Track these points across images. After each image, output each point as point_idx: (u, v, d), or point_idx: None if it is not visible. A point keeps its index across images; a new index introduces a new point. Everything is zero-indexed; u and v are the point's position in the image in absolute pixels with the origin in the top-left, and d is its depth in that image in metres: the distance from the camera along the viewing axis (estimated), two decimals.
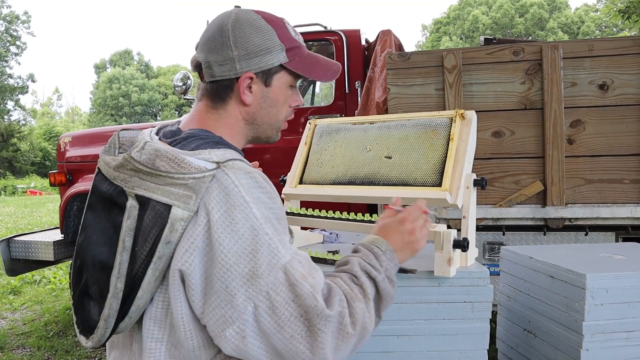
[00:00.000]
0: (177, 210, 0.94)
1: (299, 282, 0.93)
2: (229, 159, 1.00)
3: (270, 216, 0.97)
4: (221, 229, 0.92)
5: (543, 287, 1.59)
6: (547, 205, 2.86)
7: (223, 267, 0.92)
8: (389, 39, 3.62)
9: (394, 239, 1.15)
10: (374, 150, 1.59)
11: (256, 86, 1.12)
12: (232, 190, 0.95)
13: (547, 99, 2.85)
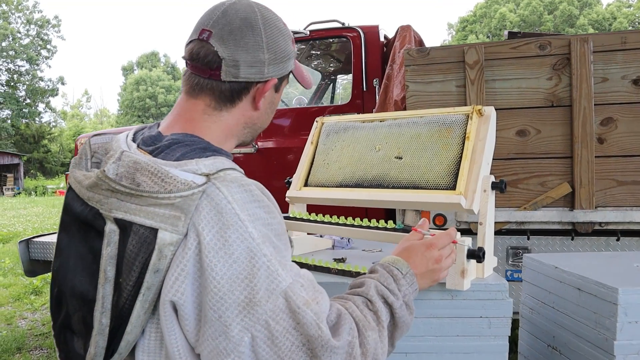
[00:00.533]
0: (165, 234, 0.83)
1: (301, 309, 0.83)
2: (219, 170, 0.88)
3: (268, 234, 0.86)
4: (213, 252, 0.82)
5: (570, 301, 1.45)
6: (576, 208, 2.70)
7: (216, 294, 0.81)
8: (408, 35, 3.49)
9: (417, 263, 1.07)
10: (383, 150, 1.47)
11: (269, 92, 1.06)
12: (224, 207, 0.84)
13: (576, 96, 2.68)
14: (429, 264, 1.09)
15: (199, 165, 0.88)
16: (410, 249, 1.11)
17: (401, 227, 1.29)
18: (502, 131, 2.80)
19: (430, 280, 1.10)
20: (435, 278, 1.11)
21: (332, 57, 4.61)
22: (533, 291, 1.66)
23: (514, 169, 2.80)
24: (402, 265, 1.05)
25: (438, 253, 1.10)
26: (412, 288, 1.04)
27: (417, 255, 1.09)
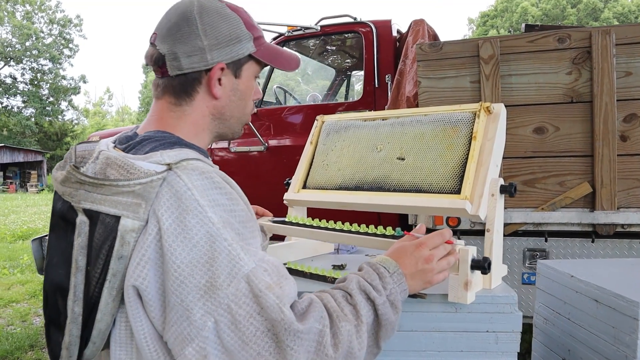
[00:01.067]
0: (127, 221, 0.86)
1: (263, 293, 0.83)
2: (182, 159, 0.90)
3: (230, 220, 0.88)
4: (173, 237, 0.84)
5: (586, 313, 1.35)
6: (596, 209, 2.57)
7: (177, 279, 0.83)
8: (421, 29, 3.38)
9: (406, 263, 1.02)
10: (385, 150, 1.38)
11: (226, 78, 1.05)
12: (184, 193, 0.86)
13: (597, 91, 2.55)
14: (419, 263, 1.03)
15: (163, 157, 0.91)
16: (400, 249, 1.06)
17: (401, 234, 1.20)
18: (519, 128, 2.68)
19: (422, 281, 1.04)
20: (427, 279, 1.04)
21: (345, 53, 4.51)
22: (547, 300, 1.56)
23: (531, 168, 2.68)
24: (389, 264, 1.01)
25: (428, 252, 1.04)
26: (400, 288, 0.99)
27: (406, 255, 1.04)
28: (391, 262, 1.02)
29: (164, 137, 1.00)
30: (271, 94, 4.30)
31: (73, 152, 1.06)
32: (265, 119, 3.79)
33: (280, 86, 4.54)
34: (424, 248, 1.04)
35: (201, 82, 1.03)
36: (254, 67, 1.08)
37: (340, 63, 4.77)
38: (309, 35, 3.82)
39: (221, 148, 3.86)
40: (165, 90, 1.05)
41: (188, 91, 1.04)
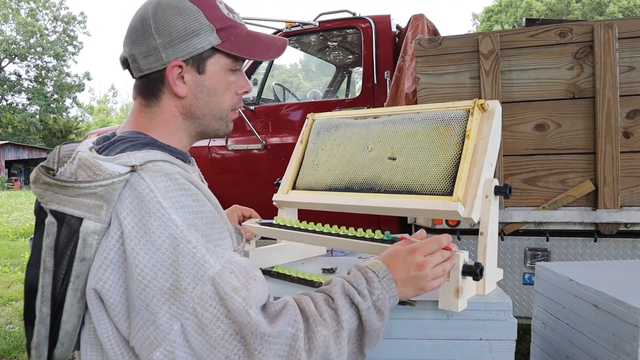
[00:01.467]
0: (89, 223, 0.85)
1: (228, 295, 0.81)
2: (148, 161, 0.88)
3: (195, 221, 0.86)
4: (135, 240, 0.82)
5: (586, 318, 1.29)
6: (599, 207, 2.51)
7: (141, 283, 0.81)
8: (421, 24, 3.32)
9: (397, 268, 0.98)
10: (376, 149, 1.33)
11: (188, 75, 1.00)
12: (146, 195, 0.84)
13: (599, 86, 2.49)
14: (411, 269, 0.98)
15: (130, 158, 0.89)
16: (393, 253, 1.01)
17: (390, 238, 1.15)
18: (520, 125, 2.63)
19: (414, 288, 0.98)
20: (420, 286, 0.99)
21: (344, 49, 4.45)
22: (546, 304, 1.51)
23: (532, 165, 2.62)
24: (379, 268, 0.97)
25: (422, 259, 0.99)
26: (389, 294, 0.95)
27: (399, 260, 0.99)
28: (381, 267, 0.97)
29: (137, 138, 0.98)
30: (270, 91, 4.25)
31: (57, 152, 1.04)
32: (264, 117, 3.74)
33: (279, 83, 4.49)
34: (417, 254, 0.99)
35: (164, 82, 1.00)
36: (222, 60, 1.02)
37: (339, 59, 4.71)
38: (308, 31, 3.76)
39: (220, 146, 3.81)
40: (136, 91, 1.04)
41: (154, 92, 1.01)
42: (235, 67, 1.05)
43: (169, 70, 0.97)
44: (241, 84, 1.08)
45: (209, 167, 3.84)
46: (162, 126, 1.02)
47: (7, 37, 40.83)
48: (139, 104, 1.03)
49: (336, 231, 1.24)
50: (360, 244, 1.18)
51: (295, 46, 4.20)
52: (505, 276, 2.71)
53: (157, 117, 1.02)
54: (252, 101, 3.80)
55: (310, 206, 1.40)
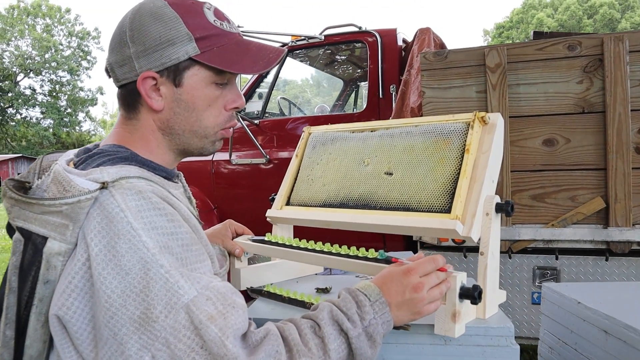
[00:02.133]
0: (53, 243, 0.80)
1: (203, 325, 0.74)
2: (121, 177, 0.82)
3: (170, 243, 0.79)
4: (103, 264, 0.76)
5: (595, 344, 1.22)
6: (610, 225, 2.42)
7: (109, 310, 0.75)
8: (427, 38, 3.28)
9: (391, 291, 0.91)
10: (372, 164, 1.28)
11: (165, 87, 0.92)
12: (116, 215, 0.78)
13: (610, 101, 2.41)
14: (406, 292, 0.91)
15: (102, 174, 0.83)
16: (387, 275, 0.95)
17: (384, 257, 1.09)
18: (528, 140, 2.56)
19: (410, 312, 0.92)
20: (416, 310, 0.92)
21: (350, 63, 4.42)
22: (553, 328, 1.43)
23: (540, 181, 2.55)
24: (372, 291, 0.90)
25: (418, 280, 0.92)
26: (382, 319, 0.88)
27: (393, 282, 0.92)
28: (374, 289, 0.91)
29: (116, 152, 0.92)
30: (275, 105, 4.22)
31: (39, 162, 0.99)
32: (268, 131, 3.70)
33: (285, 97, 4.46)
34: (413, 274, 0.92)
35: (140, 93, 0.93)
36: (203, 72, 0.93)
37: (347, 73, 4.68)
38: (313, 45, 3.74)
39: (224, 160, 3.78)
40: (118, 102, 0.99)
41: (131, 104, 0.96)
42: (222, 80, 0.96)
43: (140, 81, 0.91)
44: (231, 98, 0.99)
45: (213, 181, 3.80)
46: (141, 140, 0.96)
47: (23, 52, 41.52)
48: (121, 116, 0.99)
49: (329, 249, 1.18)
50: (354, 263, 1.12)
51: (303, 60, 4.18)
52: (513, 295, 2.63)
53: (136, 131, 0.96)
54: (256, 115, 3.77)
55: (303, 222, 1.34)
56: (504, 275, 2.64)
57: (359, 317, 0.86)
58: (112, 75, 0.95)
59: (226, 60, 0.93)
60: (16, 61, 40.59)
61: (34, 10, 42.41)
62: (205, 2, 0.97)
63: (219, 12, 0.97)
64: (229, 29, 0.97)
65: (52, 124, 42.21)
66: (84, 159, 0.91)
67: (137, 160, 0.93)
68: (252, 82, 3.83)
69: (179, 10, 0.91)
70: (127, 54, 0.91)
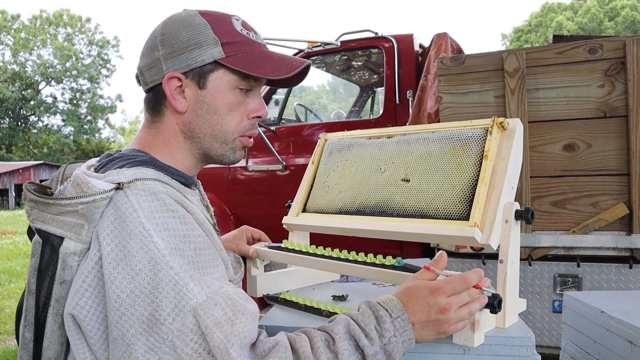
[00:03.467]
0: (69, 243, 0.81)
1: (209, 330, 0.73)
2: (136, 179, 0.82)
3: (181, 246, 0.79)
4: (114, 263, 0.76)
5: (619, 355, 1.18)
6: (634, 232, 2.37)
7: (118, 310, 0.75)
8: (444, 43, 3.25)
9: (416, 309, 0.86)
10: (389, 170, 1.26)
11: (189, 89, 0.94)
12: (129, 215, 0.79)
13: (633, 105, 2.37)
14: (432, 312, 0.86)
15: (119, 175, 0.84)
16: (412, 290, 0.89)
17: (401, 265, 1.07)
18: (548, 145, 2.52)
19: (435, 332, 0.88)
20: (442, 330, 0.88)
21: (367, 69, 4.41)
22: (575, 337, 1.40)
23: (561, 187, 2.51)
24: (394, 307, 0.86)
25: (445, 301, 0.86)
26: (403, 337, 0.84)
27: (418, 300, 0.87)
28: (396, 305, 0.86)
29: (136, 156, 0.94)
30: (292, 111, 4.22)
31: (62, 170, 1.01)
32: (284, 137, 3.70)
33: (301, 104, 4.47)
34: (441, 294, 0.87)
35: (166, 95, 0.95)
36: (227, 76, 0.95)
37: (363, 79, 4.67)
38: (330, 51, 3.74)
39: (241, 167, 3.79)
40: (144, 106, 1.01)
41: (157, 107, 0.98)
42: (247, 86, 0.98)
43: (166, 81, 0.93)
44: (254, 107, 1.00)
45: (230, 188, 3.82)
46: (163, 144, 0.98)
47: (45, 61, 42.34)
48: (146, 119, 1.01)
49: (345, 256, 1.17)
50: (371, 270, 1.11)
51: (319, 67, 4.19)
52: (533, 303, 2.58)
53: (159, 134, 0.98)
54: (272, 122, 3.78)
55: (320, 230, 1.33)
56: (524, 283, 2.59)
57: (377, 334, 0.83)
58: (142, 79, 0.98)
59: (250, 64, 0.94)
60: (38, 70, 41.41)
61: (55, 20, 43.28)
62: (235, 14, 1.00)
63: (246, 24, 1.00)
64: (255, 39, 0.99)
65: (72, 132, 42.96)
66: (104, 162, 0.93)
67: (155, 164, 0.93)
68: (269, 88, 3.84)
69: (208, 18, 0.95)
70: (156, 57, 0.94)
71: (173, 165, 0.98)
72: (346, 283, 1.55)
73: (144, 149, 0.97)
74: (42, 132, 41.85)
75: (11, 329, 4.91)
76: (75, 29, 44.34)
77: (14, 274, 7.26)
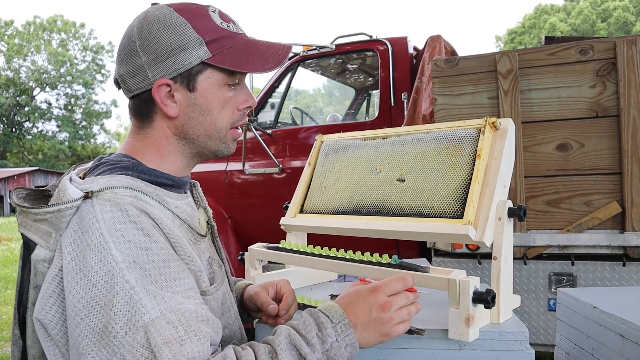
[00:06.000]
0: (40, 250, 0.84)
1: (158, 348, 0.74)
2: (107, 187, 0.83)
3: (141, 259, 0.79)
4: (72, 273, 0.78)
5: (611, 349, 1.21)
6: (627, 230, 2.40)
7: (74, 319, 0.77)
8: (438, 45, 3.29)
9: (356, 311, 0.87)
10: (384, 171, 1.29)
11: (179, 93, 0.93)
12: (91, 226, 0.80)
13: (624, 104, 2.40)
14: (373, 311, 0.87)
15: (92, 183, 0.85)
16: (352, 294, 0.91)
17: (397, 262, 1.10)
18: (541, 146, 2.55)
19: (377, 333, 0.88)
20: (384, 331, 0.88)
21: (362, 71, 4.44)
22: (569, 333, 1.42)
23: (554, 187, 2.54)
24: (334, 312, 0.87)
25: (385, 299, 0.88)
26: (345, 342, 0.84)
27: (358, 301, 0.89)
28: (337, 310, 0.87)
29: (119, 162, 0.93)
30: (288, 114, 4.25)
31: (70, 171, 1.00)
32: (281, 140, 3.73)
33: (297, 107, 4.49)
34: (380, 293, 0.89)
35: (154, 102, 0.93)
36: (215, 74, 0.94)
37: (358, 82, 4.70)
38: (324, 55, 3.76)
39: (237, 170, 3.81)
40: (130, 112, 0.99)
41: (145, 113, 0.96)
42: (233, 81, 0.97)
43: (155, 90, 0.92)
44: (243, 99, 1.00)
45: (227, 191, 3.83)
46: (153, 148, 0.97)
47: (39, 67, 42.27)
48: (133, 125, 0.99)
49: (342, 255, 1.19)
50: (367, 268, 1.13)
51: (314, 70, 4.21)
52: (529, 302, 2.61)
53: (149, 139, 0.97)
54: (269, 125, 3.80)
55: (317, 230, 1.35)
56: (520, 282, 2.62)
57: (319, 340, 0.83)
58: (124, 86, 0.96)
59: (237, 60, 0.94)
60: (32, 76, 41.33)
61: (49, 25, 43.22)
62: (209, 5, 0.98)
63: (223, 14, 0.98)
64: (235, 30, 0.98)
65: (67, 137, 42.88)
66: (91, 168, 0.94)
67: (137, 169, 0.92)
68: (265, 92, 3.86)
69: (185, 15, 0.92)
70: (139, 64, 0.91)
71: (162, 169, 0.97)
72: (344, 283, 1.57)
73: (131, 154, 0.96)
74: (37, 138, 41.75)
75: (8, 335, 4.90)
76: (70, 35, 44.28)
77: (10, 281, 7.24)
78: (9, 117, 41.38)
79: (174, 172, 0.99)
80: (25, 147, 42.51)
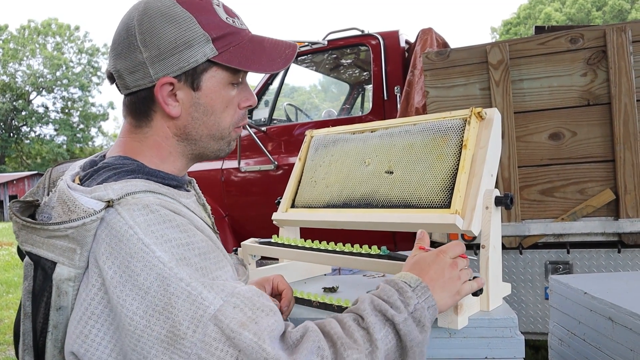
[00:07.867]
0: (62, 269, 0.76)
1: (236, 333, 0.70)
2: (127, 194, 0.78)
3: (186, 254, 0.76)
4: (120, 286, 0.72)
5: (602, 333, 1.22)
6: (621, 217, 2.41)
7: (134, 334, 0.71)
8: (429, 38, 3.29)
9: (430, 274, 0.89)
10: (373, 164, 1.30)
11: (182, 92, 0.88)
12: (125, 233, 0.75)
13: (615, 92, 2.41)
14: (445, 270, 0.91)
15: (107, 191, 0.79)
16: (419, 260, 0.93)
17: (386, 254, 1.11)
18: (534, 135, 2.55)
19: (451, 292, 0.91)
20: (456, 289, 0.92)
21: (355, 66, 4.45)
22: (561, 319, 1.43)
23: (548, 176, 2.54)
24: (410, 278, 0.88)
25: (451, 260, 0.92)
26: (427, 303, 0.85)
27: (428, 265, 0.91)
28: (412, 277, 0.88)
29: (123, 165, 0.87)
30: (282, 111, 4.25)
31: (48, 175, 0.96)
32: (276, 137, 3.73)
33: (291, 103, 4.50)
34: (446, 255, 0.93)
35: (154, 100, 0.87)
36: (220, 73, 0.89)
37: (352, 77, 4.71)
38: (317, 51, 3.77)
39: (233, 168, 3.82)
40: (126, 110, 0.92)
41: (144, 111, 0.90)
42: (237, 79, 0.92)
43: (158, 88, 0.86)
44: (244, 97, 0.95)
45: (223, 189, 3.84)
46: (152, 149, 0.91)
47: (35, 71, 42.20)
48: (129, 124, 0.92)
49: (333, 248, 1.20)
50: (356, 260, 1.14)
51: (308, 66, 4.21)
52: (526, 291, 2.62)
53: (147, 139, 0.91)
54: (263, 122, 3.81)
55: (308, 224, 1.37)
56: (516, 272, 2.63)
57: (403, 304, 0.82)
58: (120, 82, 0.89)
59: (244, 59, 0.89)
60: (28, 80, 41.27)
61: (44, 29, 43.12)
62: None
63: (227, 7, 0.93)
64: (240, 26, 0.93)
65: (65, 141, 42.84)
66: (90, 173, 0.86)
67: (144, 172, 0.88)
68: (259, 89, 3.87)
69: (190, 8, 0.86)
70: (139, 60, 0.85)
71: (163, 170, 0.92)
72: (338, 276, 1.58)
73: (130, 155, 0.90)
74: (35, 142, 41.71)
75: (10, 339, 4.92)
76: (65, 38, 44.20)
77: (12, 285, 7.25)
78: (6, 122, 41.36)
79: (174, 172, 0.95)
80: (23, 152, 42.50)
